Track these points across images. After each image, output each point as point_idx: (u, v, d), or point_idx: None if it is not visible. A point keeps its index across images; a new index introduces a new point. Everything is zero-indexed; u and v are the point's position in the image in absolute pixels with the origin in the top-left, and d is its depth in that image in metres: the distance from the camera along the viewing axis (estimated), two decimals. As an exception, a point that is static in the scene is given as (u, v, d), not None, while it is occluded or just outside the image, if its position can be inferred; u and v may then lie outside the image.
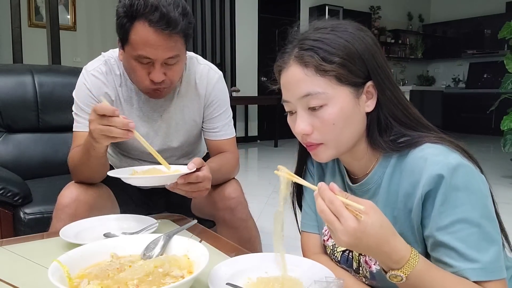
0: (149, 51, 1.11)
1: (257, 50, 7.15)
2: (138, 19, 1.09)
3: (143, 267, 0.73)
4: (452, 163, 0.67)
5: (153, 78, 1.15)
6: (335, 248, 0.89)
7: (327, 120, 0.73)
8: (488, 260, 0.66)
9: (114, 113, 0.96)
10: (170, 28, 1.09)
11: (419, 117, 0.78)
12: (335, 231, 0.62)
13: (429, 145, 0.72)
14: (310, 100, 0.73)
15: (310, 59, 0.72)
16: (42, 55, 3.64)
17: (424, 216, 0.71)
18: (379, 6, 8.71)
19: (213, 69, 1.38)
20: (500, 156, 4.86)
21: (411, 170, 0.72)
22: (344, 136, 0.75)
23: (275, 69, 0.79)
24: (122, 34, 1.14)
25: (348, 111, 0.73)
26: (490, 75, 8.26)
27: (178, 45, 1.14)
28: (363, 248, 0.63)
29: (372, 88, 0.75)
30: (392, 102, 0.76)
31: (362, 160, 0.81)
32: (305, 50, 0.73)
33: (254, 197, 2.61)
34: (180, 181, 1.02)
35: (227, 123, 1.39)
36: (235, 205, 1.26)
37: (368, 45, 0.74)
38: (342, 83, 0.72)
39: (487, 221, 0.67)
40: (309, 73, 0.72)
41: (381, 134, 0.76)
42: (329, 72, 0.71)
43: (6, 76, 1.97)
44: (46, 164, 1.95)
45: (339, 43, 0.72)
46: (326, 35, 0.73)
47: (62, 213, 1.15)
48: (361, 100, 0.74)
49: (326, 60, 0.71)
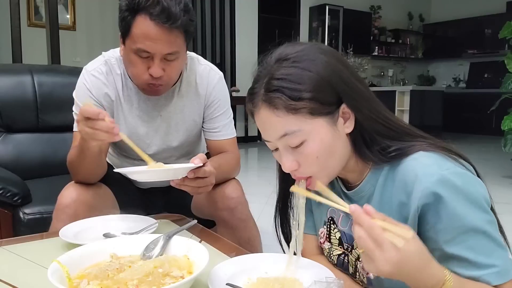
0: (149, 45, 1.12)
1: (257, 50, 7.14)
2: (140, 12, 1.11)
3: (142, 267, 0.73)
4: (446, 175, 0.67)
5: (152, 73, 1.16)
6: (331, 251, 0.89)
7: (310, 155, 0.72)
8: (502, 262, 0.67)
9: (98, 116, 0.95)
10: (170, 21, 1.10)
11: (403, 126, 0.77)
12: (374, 260, 0.59)
13: (422, 154, 0.71)
14: (288, 140, 0.72)
15: (278, 100, 0.70)
16: (41, 55, 3.64)
17: (426, 229, 0.70)
18: (380, 5, 8.71)
19: (214, 69, 1.38)
20: (501, 156, 4.85)
21: (404, 180, 0.71)
22: (331, 164, 0.74)
23: (247, 110, 0.77)
24: (123, 27, 1.15)
25: (329, 141, 0.72)
26: (490, 75, 8.26)
27: (178, 41, 1.15)
28: (402, 277, 0.61)
29: (346, 109, 0.73)
30: (371, 119, 0.74)
31: (355, 172, 0.80)
32: (271, 92, 0.70)
33: (254, 197, 2.59)
34: (190, 176, 1.02)
35: (227, 123, 1.39)
36: (235, 205, 1.26)
37: (333, 68, 0.72)
38: (316, 116, 0.70)
39: (490, 225, 0.67)
40: (281, 114, 0.70)
41: (369, 148, 0.75)
42: (300, 109, 0.69)
43: (6, 76, 1.97)
44: (46, 164, 1.94)
45: (304, 77, 0.70)
46: (290, 70, 0.70)
47: (62, 213, 1.15)
48: (339, 125, 0.73)
49: (295, 98, 0.69)
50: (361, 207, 0.60)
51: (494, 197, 0.73)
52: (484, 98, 7.29)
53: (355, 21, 8.18)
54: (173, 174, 1.02)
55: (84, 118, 0.96)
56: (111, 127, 0.96)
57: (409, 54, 9.49)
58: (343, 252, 0.86)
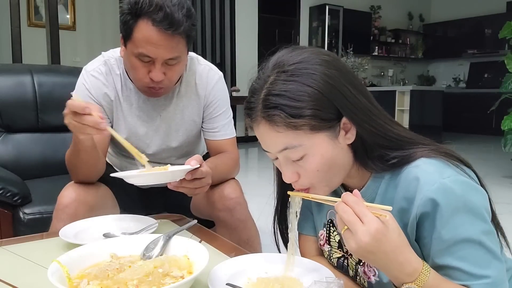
0: (150, 50, 1.11)
1: (257, 50, 7.14)
2: (142, 17, 1.10)
3: (142, 267, 0.73)
4: (446, 183, 0.66)
5: (153, 77, 1.16)
6: (331, 253, 0.89)
7: (311, 169, 0.72)
8: (495, 274, 0.66)
9: (84, 110, 0.94)
10: (173, 28, 1.09)
11: (403, 136, 0.76)
12: (355, 232, 0.61)
13: (424, 161, 0.71)
14: (288, 153, 0.71)
15: (278, 118, 0.68)
16: (41, 55, 3.64)
17: (422, 236, 0.70)
18: (380, 5, 8.71)
19: (214, 69, 1.38)
20: (501, 156, 4.85)
21: (405, 187, 0.71)
22: (332, 176, 0.74)
23: (246, 122, 0.76)
24: (125, 30, 1.15)
25: (329, 154, 0.71)
26: (490, 75, 8.25)
27: (179, 46, 1.15)
28: (379, 255, 0.62)
29: (347, 121, 0.71)
30: (371, 132, 0.73)
31: (356, 178, 0.80)
32: (270, 109, 0.69)
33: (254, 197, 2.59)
34: (188, 177, 1.02)
35: (227, 123, 1.39)
36: (234, 205, 1.26)
37: (334, 82, 0.69)
38: (316, 131, 0.69)
39: (486, 236, 0.67)
40: (281, 130, 0.69)
41: (370, 158, 0.75)
42: (301, 126, 0.68)
43: (6, 76, 1.97)
44: (46, 164, 1.94)
45: (303, 94, 0.67)
46: (288, 86, 0.68)
47: (63, 213, 1.15)
48: (340, 137, 0.72)
49: (295, 116, 0.67)
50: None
51: (494, 197, 0.73)
52: (484, 98, 7.29)
53: (355, 21, 8.17)
54: (170, 177, 1.02)
55: (72, 112, 0.96)
56: (97, 122, 0.95)
57: (409, 54, 9.49)
58: (343, 255, 0.86)
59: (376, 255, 0.62)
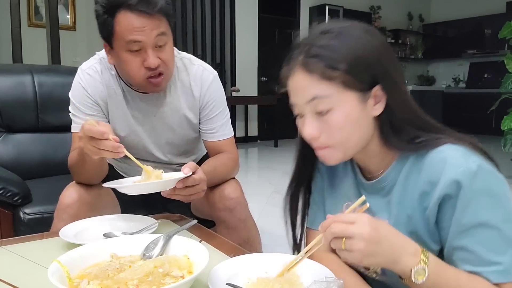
0: (137, 34, 1.12)
1: (257, 50, 7.14)
2: (118, 10, 1.12)
3: (143, 267, 0.73)
4: (472, 167, 0.67)
5: (149, 64, 1.15)
6: None
7: (334, 125, 0.73)
8: (509, 262, 0.66)
9: (102, 136, 0.96)
10: (150, 7, 1.11)
11: (430, 119, 0.78)
12: (352, 234, 0.62)
13: (449, 146, 0.72)
14: (317, 104, 0.73)
15: (315, 66, 0.71)
16: (41, 55, 3.64)
17: (442, 219, 0.71)
18: (379, 6, 8.70)
19: (208, 69, 1.37)
20: (500, 156, 4.85)
21: (430, 170, 0.72)
22: (351, 140, 0.75)
23: (282, 75, 0.79)
24: (106, 31, 1.16)
25: (355, 116, 0.73)
26: (490, 75, 8.25)
27: (163, 24, 1.16)
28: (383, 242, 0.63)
29: (380, 92, 0.74)
30: (402, 106, 0.75)
31: (376, 158, 0.80)
32: (310, 57, 0.72)
33: (254, 197, 2.60)
34: (179, 186, 1.03)
35: (224, 123, 1.38)
36: (234, 205, 1.26)
37: (376, 50, 0.73)
38: (348, 89, 0.72)
39: (506, 224, 0.67)
40: (315, 78, 0.72)
41: (396, 135, 0.75)
42: (335, 78, 0.71)
43: (6, 76, 1.97)
44: (46, 164, 1.95)
45: (345, 50, 0.71)
46: (332, 41, 0.72)
47: (64, 213, 1.16)
48: (368, 105, 0.74)
49: (332, 67, 0.71)
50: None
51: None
52: (484, 98, 7.29)
53: (355, 21, 8.16)
54: (162, 186, 1.03)
55: (88, 138, 0.97)
56: (115, 146, 0.97)
57: (409, 54, 9.49)
58: None
59: (381, 244, 0.63)
